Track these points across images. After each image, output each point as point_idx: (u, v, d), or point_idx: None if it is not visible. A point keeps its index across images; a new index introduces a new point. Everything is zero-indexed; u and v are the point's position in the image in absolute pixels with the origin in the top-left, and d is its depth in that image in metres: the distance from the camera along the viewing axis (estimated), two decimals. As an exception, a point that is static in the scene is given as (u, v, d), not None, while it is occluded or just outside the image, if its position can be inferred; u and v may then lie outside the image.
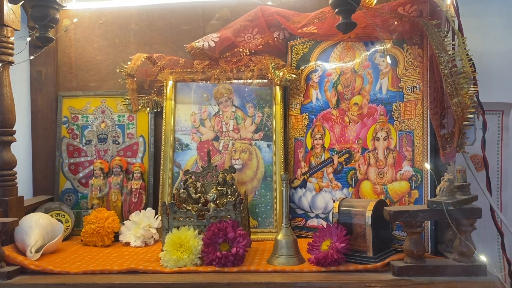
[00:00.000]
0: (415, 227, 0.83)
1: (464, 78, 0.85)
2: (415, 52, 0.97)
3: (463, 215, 0.81)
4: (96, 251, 1.09)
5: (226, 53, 1.26)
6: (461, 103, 0.85)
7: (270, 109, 1.23)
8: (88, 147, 1.30)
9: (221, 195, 1.03)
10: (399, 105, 0.99)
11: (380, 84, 1.03)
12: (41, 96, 1.32)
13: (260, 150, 1.21)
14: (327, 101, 1.14)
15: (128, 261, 0.98)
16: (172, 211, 0.96)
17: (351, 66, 1.10)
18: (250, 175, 1.20)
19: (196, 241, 0.93)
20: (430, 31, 0.85)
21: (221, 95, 1.25)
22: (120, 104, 1.31)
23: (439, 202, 0.80)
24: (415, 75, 0.97)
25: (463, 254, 0.83)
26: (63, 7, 0.96)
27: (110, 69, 1.33)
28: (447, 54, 0.84)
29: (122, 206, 1.22)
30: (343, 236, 0.89)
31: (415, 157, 0.96)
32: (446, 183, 0.82)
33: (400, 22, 0.94)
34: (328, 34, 1.09)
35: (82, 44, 1.35)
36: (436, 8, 0.93)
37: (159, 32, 1.33)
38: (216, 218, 0.96)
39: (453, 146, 0.89)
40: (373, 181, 1.02)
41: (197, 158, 1.23)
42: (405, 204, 0.96)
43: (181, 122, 1.25)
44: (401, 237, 0.96)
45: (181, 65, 1.25)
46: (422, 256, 0.83)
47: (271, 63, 1.20)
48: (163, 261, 0.92)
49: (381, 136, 1.02)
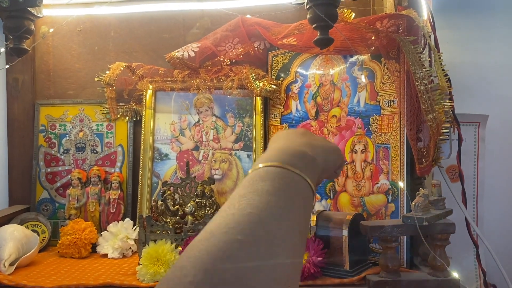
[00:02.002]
0: (390, 242, 0.84)
1: (439, 94, 0.86)
2: (392, 67, 0.98)
3: (437, 230, 0.82)
4: (73, 263, 1.07)
5: (207, 62, 1.26)
6: (436, 118, 0.86)
7: (250, 119, 1.23)
8: (66, 156, 1.28)
9: (200, 207, 1.03)
10: (377, 119, 1.00)
11: (358, 97, 1.04)
12: (18, 104, 1.30)
13: (240, 160, 1.21)
14: (306, 112, 1.14)
15: (104, 274, 0.97)
16: (149, 224, 0.95)
17: (330, 78, 1.10)
18: (230, 186, 1.20)
19: (173, 255, 0.92)
20: (406, 47, 0.86)
21: (202, 104, 1.25)
22: (98, 113, 1.29)
23: (413, 218, 0.80)
24: (392, 89, 0.98)
25: (437, 268, 0.84)
26: (38, 17, 0.94)
27: (89, 77, 1.31)
28: (422, 71, 0.85)
29: (100, 217, 1.21)
30: (320, 250, 0.89)
31: (391, 170, 0.97)
32: (421, 198, 0.83)
33: (377, 36, 0.95)
34: (307, 47, 1.09)
35: (60, 51, 1.33)
36: (413, 23, 0.94)
37: (139, 40, 1.32)
38: (194, 231, 0.96)
39: (428, 161, 0.90)
40: (351, 194, 1.03)
41: (177, 168, 1.22)
42: (381, 217, 0.97)
43: (160, 131, 1.25)
44: (378, 250, 0.97)
45: (161, 74, 1.25)
46: (398, 270, 0.84)
47: (252, 73, 1.20)
48: (140, 275, 0.91)
49: (359, 148, 1.02)
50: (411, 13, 0.94)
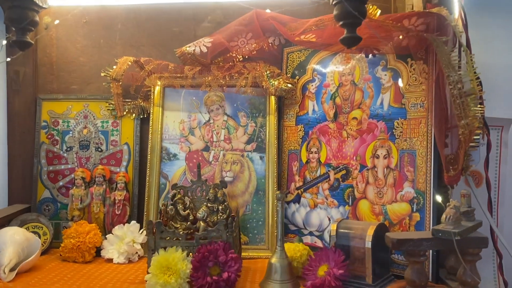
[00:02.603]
0: (418, 256, 0.78)
1: (472, 99, 0.81)
2: (420, 68, 0.92)
3: (469, 244, 0.77)
4: (76, 268, 1.02)
5: (218, 58, 1.20)
6: (469, 125, 0.81)
7: (263, 119, 1.17)
8: (69, 154, 1.22)
9: (212, 213, 0.98)
10: (402, 123, 0.94)
11: (381, 99, 0.98)
12: (19, 98, 1.23)
13: (252, 162, 1.15)
14: (324, 113, 1.08)
15: (111, 282, 0.91)
16: (158, 230, 0.90)
17: (350, 78, 1.04)
18: (241, 189, 1.14)
19: (185, 264, 0.86)
20: (439, 48, 0.80)
21: (212, 102, 1.19)
22: (104, 109, 1.23)
23: (446, 232, 0.75)
24: (419, 92, 0.92)
25: (467, 284, 0.79)
26: (43, 8, 0.88)
27: (94, 71, 1.25)
28: (456, 74, 0.79)
29: (104, 218, 1.15)
30: (341, 262, 0.84)
31: (417, 178, 0.91)
32: (452, 210, 0.78)
33: (406, 36, 0.89)
34: (327, 44, 1.03)
35: (64, 43, 1.26)
36: (444, 22, 0.88)
37: (147, 33, 1.25)
38: (206, 239, 0.90)
39: (458, 169, 0.85)
40: (372, 201, 0.98)
41: (186, 169, 1.16)
42: (405, 227, 0.92)
43: (169, 130, 1.19)
44: (401, 261, 0.92)
45: (171, 70, 1.18)
46: (425, 286, 0.79)
47: (266, 71, 1.14)
48: (149, 286, 0.85)
49: (381, 154, 0.97)
50: (442, 11, 0.88)
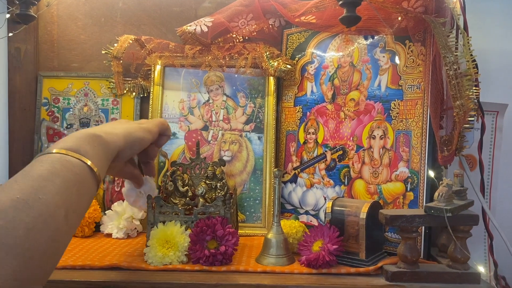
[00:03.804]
0: (410, 232, 0.81)
1: (468, 80, 0.82)
2: (417, 50, 0.93)
3: (460, 221, 0.79)
4: (76, 242, 1.04)
5: (219, 38, 1.21)
6: (464, 105, 0.82)
7: (262, 100, 1.18)
8: (69, 131, 1.23)
9: (210, 189, 0.99)
10: (398, 104, 0.96)
11: (379, 80, 1.00)
12: (20, 75, 1.24)
13: (250, 142, 1.17)
14: (322, 94, 1.10)
15: (110, 255, 0.93)
16: (158, 205, 0.92)
17: (349, 60, 1.06)
18: (239, 168, 1.16)
19: (183, 237, 0.89)
20: (437, 29, 0.81)
21: (212, 82, 1.20)
22: (104, 87, 1.24)
23: (437, 208, 0.77)
24: (416, 73, 0.94)
25: (457, 260, 0.81)
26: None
27: (94, 49, 1.26)
28: (453, 55, 0.80)
29: (104, 195, 1.17)
30: (336, 238, 0.86)
31: (412, 158, 0.93)
32: (444, 188, 0.80)
33: (405, 17, 0.90)
34: (327, 25, 1.04)
35: (65, 21, 1.27)
36: (442, 4, 0.89)
37: (147, 12, 1.26)
38: (204, 214, 0.92)
39: (452, 150, 0.87)
40: (367, 180, 1.00)
41: (185, 148, 1.18)
42: (399, 205, 0.94)
43: (168, 109, 1.20)
44: (394, 239, 0.94)
45: (171, 49, 1.19)
46: (416, 261, 0.81)
47: (266, 52, 1.15)
48: (148, 258, 0.88)
49: (378, 134, 0.99)
50: (441, -7, 0.89)
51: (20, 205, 0.47)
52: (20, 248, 0.45)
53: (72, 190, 0.54)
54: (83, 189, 0.56)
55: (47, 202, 0.49)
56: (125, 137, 0.71)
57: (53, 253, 0.51)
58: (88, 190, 0.58)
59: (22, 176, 0.51)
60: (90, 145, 0.60)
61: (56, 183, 0.51)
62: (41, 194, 0.49)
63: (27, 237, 0.46)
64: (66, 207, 0.52)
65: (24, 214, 0.46)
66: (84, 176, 0.57)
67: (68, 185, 0.53)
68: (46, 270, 0.50)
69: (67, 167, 0.54)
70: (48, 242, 0.49)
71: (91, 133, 0.63)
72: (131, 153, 0.75)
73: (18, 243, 0.45)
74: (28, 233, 0.46)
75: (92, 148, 0.60)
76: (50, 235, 0.49)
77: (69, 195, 0.53)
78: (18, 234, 0.45)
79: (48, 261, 0.50)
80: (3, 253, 0.44)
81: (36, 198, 0.48)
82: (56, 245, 0.51)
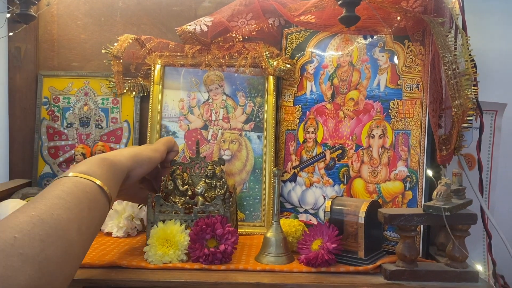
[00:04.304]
0: (409, 231, 0.81)
1: (466, 80, 0.83)
2: (416, 49, 0.93)
3: (459, 220, 0.80)
4: (76, 240, 1.04)
5: (218, 38, 1.21)
6: (462, 105, 0.83)
7: (262, 99, 1.19)
8: (69, 131, 1.24)
9: (210, 188, 1.00)
10: (397, 103, 0.96)
11: (378, 80, 1.00)
12: (20, 74, 1.25)
13: (250, 141, 1.18)
14: (321, 94, 1.10)
15: (110, 254, 0.94)
16: (158, 204, 0.92)
17: (348, 59, 1.06)
18: (239, 167, 1.16)
19: (183, 236, 0.89)
20: (436, 29, 0.82)
21: (212, 82, 1.20)
22: (104, 87, 1.24)
23: (436, 207, 0.78)
24: (415, 73, 0.94)
25: (455, 259, 0.81)
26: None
27: (94, 49, 1.26)
28: (451, 55, 0.81)
29: (104, 194, 1.17)
30: (335, 237, 0.86)
31: (410, 157, 0.93)
32: (443, 187, 0.80)
33: (404, 17, 0.90)
34: (327, 25, 1.04)
35: (65, 20, 1.27)
36: (441, 4, 0.89)
37: (147, 12, 1.26)
38: (204, 212, 0.92)
39: (450, 149, 0.87)
40: (366, 180, 1.00)
41: (185, 147, 1.18)
42: (398, 204, 0.95)
43: (168, 108, 1.20)
44: (393, 238, 0.94)
45: (171, 48, 1.19)
46: (415, 260, 0.82)
47: (265, 51, 1.16)
48: (148, 256, 0.88)
49: (377, 133, 0.99)
50: (440, -7, 0.89)
51: (35, 220, 0.52)
52: (35, 258, 0.49)
53: (84, 207, 0.60)
54: (94, 206, 0.62)
55: (59, 217, 0.54)
56: (133, 157, 0.79)
57: (67, 264, 0.55)
58: (99, 207, 0.64)
59: (39, 197, 0.57)
60: (99, 167, 0.67)
61: (68, 200, 0.57)
62: (54, 210, 0.54)
63: (41, 248, 0.50)
64: (78, 222, 0.57)
65: (38, 228, 0.51)
66: (94, 194, 0.63)
67: (80, 202, 0.59)
68: (61, 280, 0.54)
69: (78, 187, 0.61)
70: (62, 253, 0.53)
71: (101, 157, 0.71)
72: (141, 172, 0.82)
73: (34, 253, 0.49)
74: (42, 245, 0.51)
75: (101, 170, 0.67)
76: (63, 247, 0.54)
77: (80, 211, 0.59)
78: (33, 245, 0.50)
79: (63, 271, 0.54)
80: (20, 262, 0.47)
81: (49, 214, 0.53)
82: (70, 257, 0.55)
